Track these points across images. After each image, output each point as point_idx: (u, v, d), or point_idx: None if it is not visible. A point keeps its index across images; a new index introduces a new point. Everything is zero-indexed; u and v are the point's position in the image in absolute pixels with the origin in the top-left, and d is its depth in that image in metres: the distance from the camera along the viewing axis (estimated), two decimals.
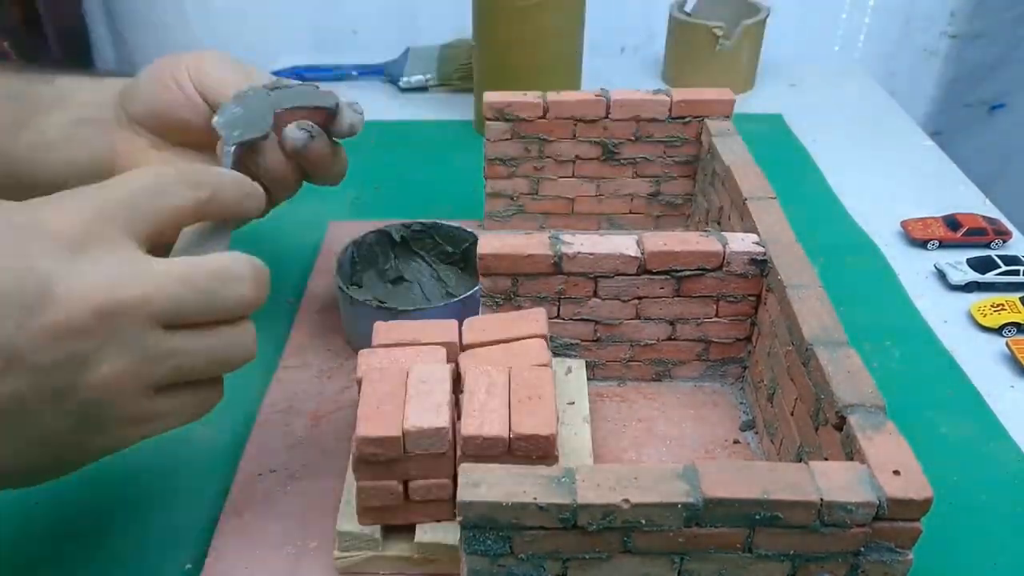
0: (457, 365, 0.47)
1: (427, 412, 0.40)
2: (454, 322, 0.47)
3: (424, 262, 0.65)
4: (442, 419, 0.40)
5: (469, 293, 0.56)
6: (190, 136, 0.53)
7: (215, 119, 0.49)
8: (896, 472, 0.35)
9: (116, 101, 0.54)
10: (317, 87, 0.52)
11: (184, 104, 0.52)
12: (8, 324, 0.32)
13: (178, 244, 0.41)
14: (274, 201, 0.52)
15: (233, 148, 0.47)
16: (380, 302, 0.58)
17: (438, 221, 0.63)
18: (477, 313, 0.54)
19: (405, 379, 0.42)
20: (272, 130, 0.49)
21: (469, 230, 0.62)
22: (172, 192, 0.37)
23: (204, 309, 0.37)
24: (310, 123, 0.50)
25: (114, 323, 0.34)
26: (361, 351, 0.46)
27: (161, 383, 0.37)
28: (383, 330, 0.47)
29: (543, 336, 0.46)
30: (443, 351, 0.45)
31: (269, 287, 0.40)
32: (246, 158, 0.49)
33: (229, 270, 0.38)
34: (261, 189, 0.43)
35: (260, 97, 0.49)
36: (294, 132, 0.50)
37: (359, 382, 0.44)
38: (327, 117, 0.51)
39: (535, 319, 0.48)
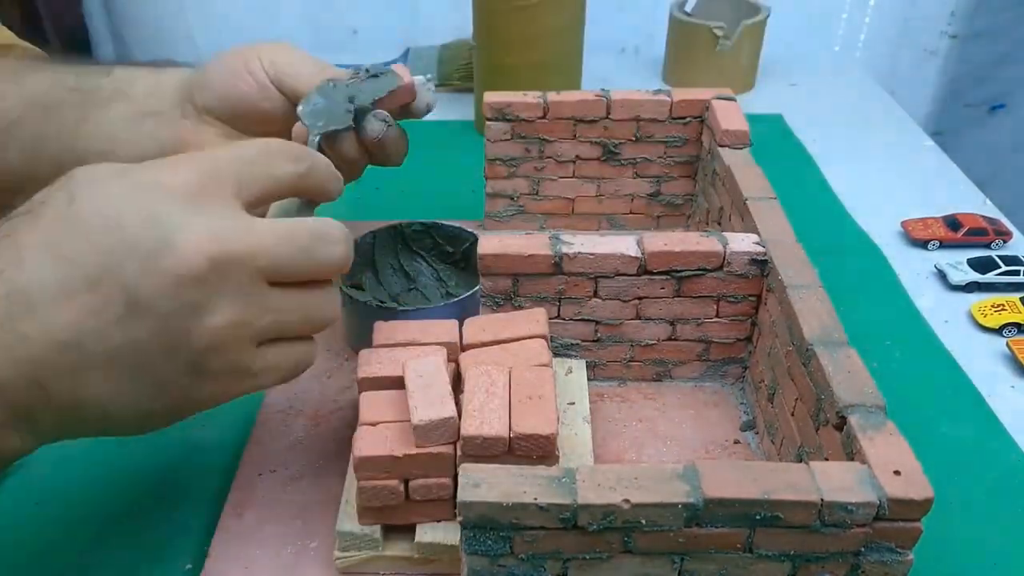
0: (457, 365, 0.47)
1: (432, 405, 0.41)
2: (454, 322, 0.47)
3: (424, 262, 0.65)
4: (448, 410, 0.40)
5: (469, 293, 0.56)
6: (263, 126, 0.54)
7: (300, 108, 0.51)
8: (896, 472, 0.35)
9: (178, 92, 0.55)
10: (391, 71, 0.54)
11: (259, 94, 0.53)
12: (132, 268, 0.34)
13: (269, 215, 0.43)
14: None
15: (318, 138, 0.49)
16: (379, 302, 0.58)
17: (438, 221, 0.63)
18: (477, 313, 0.54)
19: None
20: (352, 122, 0.51)
21: (469, 230, 0.62)
22: (277, 163, 0.39)
23: (303, 266, 0.38)
24: (386, 113, 0.52)
25: (226, 274, 0.35)
26: (362, 352, 0.46)
27: (264, 336, 0.38)
28: (384, 330, 0.47)
29: (543, 336, 0.46)
30: (443, 351, 0.45)
31: (353, 252, 0.41)
32: (325, 146, 0.51)
33: (328, 231, 0.39)
34: (339, 176, 0.44)
35: (341, 90, 0.51)
36: (373, 124, 0.52)
37: (360, 382, 0.44)
38: (402, 99, 0.54)
39: (535, 319, 0.48)
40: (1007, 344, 0.60)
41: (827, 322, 0.44)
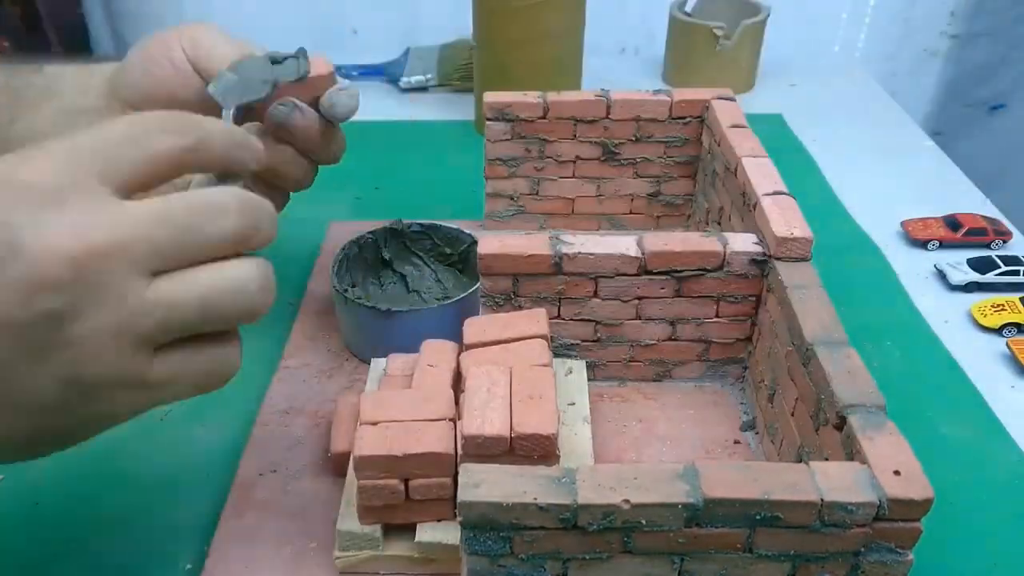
0: (458, 365, 0.47)
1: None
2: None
3: (422, 263, 0.65)
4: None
5: (465, 294, 0.56)
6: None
7: (209, 87, 0.48)
8: (897, 472, 0.35)
9: (106, 86, 0.53)
10: (302, 57, 0.50)
11: (178, 80, 0.50)
12: None
13: None
14: (296, 183, 0.53)
15: (232, 112, 0.46)
16: (372, 304, 0.58)
17: (437, 222, 0.63)
18: (474, 315, 0.54)
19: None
20: (270, 95, 0.48)
21: (468, 232, 0.62)
22: (151, 138, 0.34)
23: (187, 247, 0.33)
24: (294, 100, 0.50)
25: (89, 273, 0.31)
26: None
27: (154, 339, 0.33)
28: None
29: (544, 336, 0.46)
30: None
31: (270, 219, 0.37)
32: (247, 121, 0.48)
33: (212, 199, 0.34)
34: (257, 142, 0.39)
35: (257, 64, 0.49)
36: (275, 108, 0.49)
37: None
38: (310, 91, 0.51)
39: (536, 319, 0.48)
40: (1007, 344, 0.60)
41: (827, 322, 0.44)
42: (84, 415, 0.34)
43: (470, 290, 0.56)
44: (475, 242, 0.60)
